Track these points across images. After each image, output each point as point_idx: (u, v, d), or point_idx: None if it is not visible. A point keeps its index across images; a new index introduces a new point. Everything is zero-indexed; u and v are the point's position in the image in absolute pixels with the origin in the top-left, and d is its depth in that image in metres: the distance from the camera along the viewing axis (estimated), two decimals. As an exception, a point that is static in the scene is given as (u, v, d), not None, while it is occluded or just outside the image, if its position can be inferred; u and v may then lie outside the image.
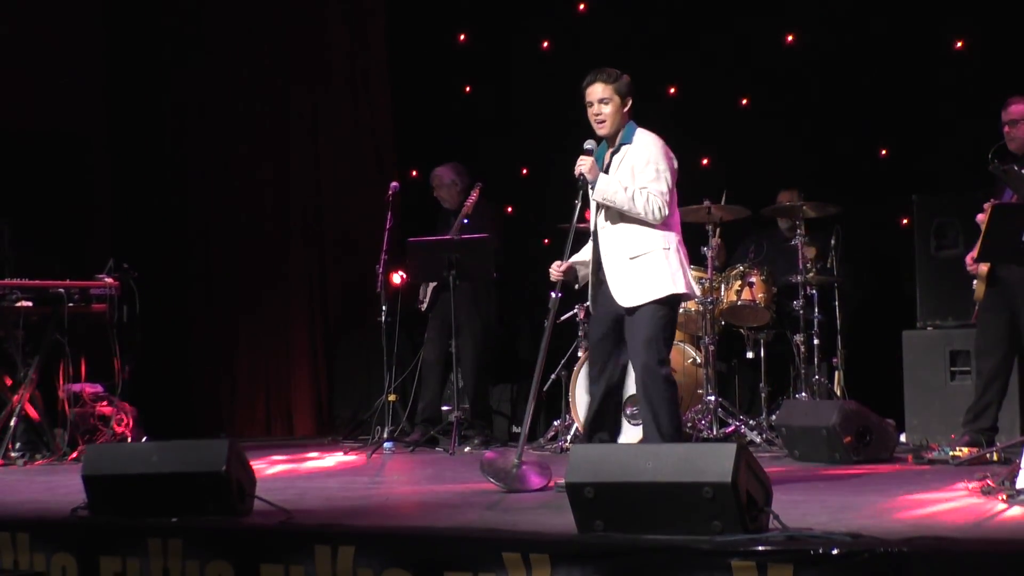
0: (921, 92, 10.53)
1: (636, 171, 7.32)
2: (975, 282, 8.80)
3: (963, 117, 10.09)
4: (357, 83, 13.14)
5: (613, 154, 7.45)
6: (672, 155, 7.43)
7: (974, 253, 8.71)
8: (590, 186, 7.34)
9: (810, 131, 11.12)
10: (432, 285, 10.96)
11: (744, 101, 11.36)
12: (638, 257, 7.33)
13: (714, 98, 11.29)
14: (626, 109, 7.44)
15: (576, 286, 7.77)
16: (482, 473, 7.44)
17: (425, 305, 11.03)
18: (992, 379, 8.77)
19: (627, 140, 7.42)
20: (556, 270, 7.57)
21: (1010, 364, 8.81)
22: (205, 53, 13.48)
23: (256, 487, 6.45)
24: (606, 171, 7.39)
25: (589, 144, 7.44)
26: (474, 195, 10.80)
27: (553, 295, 7.39)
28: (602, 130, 7.44)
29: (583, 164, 7.33)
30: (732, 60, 11.34)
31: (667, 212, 7.28)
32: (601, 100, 7.41)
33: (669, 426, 7.29)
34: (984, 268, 8.65)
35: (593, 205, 7.50)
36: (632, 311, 7.34)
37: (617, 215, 7.37)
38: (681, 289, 7.34)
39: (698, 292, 7.54)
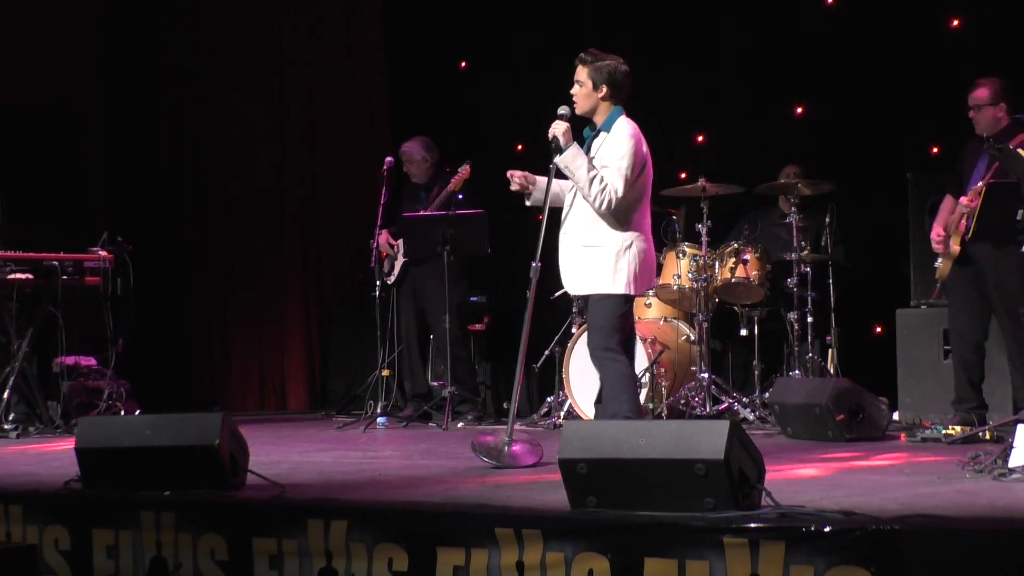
0: (917, 70, 10.51)
1: (602, 162, 7.32)
2: (939, 260, 8.84)
3: (959, 95, 10.07)
4: (354, 57, 13.12)
5: (594, 138, 7.46)
6: (645, 153, 7.41)
7: (939, 230, 8.77)
8: (558, 152, 7.32)
9: (805, 108, 11.11)
10: (402, 260, 10.93)
11: (741, 79, 11.34)
12: (592, 248, 7.39)
13: (710, 75, 11.27)
14: (600, 95, 7.41)
15: (527, 202, 7.76)
16: (474, 452, 7.45)
17: (393, 278, 10.99)
18: (969, 357, 8.82)
19: (606, 128, 7.41)
20: (515, 176, 7.65)
21: (984, 341, 8.86)
22: (201, 26, 13.46)
23: (249, 461, 6.46)
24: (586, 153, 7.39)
25: (563, 109, 7.42)
26: (466, 171, 10.77)
27: (533, 264, 7.35)
28: (576, 109, 7.47)
29: (557, 127, 7.33)
30: (730, 37, 11.31)
31: (608, 211, 7.29)
32: (576, 80, 7.46)
33: (629, 403, 7.40)
34: (956, 247, 8.68)
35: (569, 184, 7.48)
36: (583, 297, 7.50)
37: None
38: (621, 291, 7.37)
39: (639, 290, 7.54)
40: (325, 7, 13.22)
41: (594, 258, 7.37)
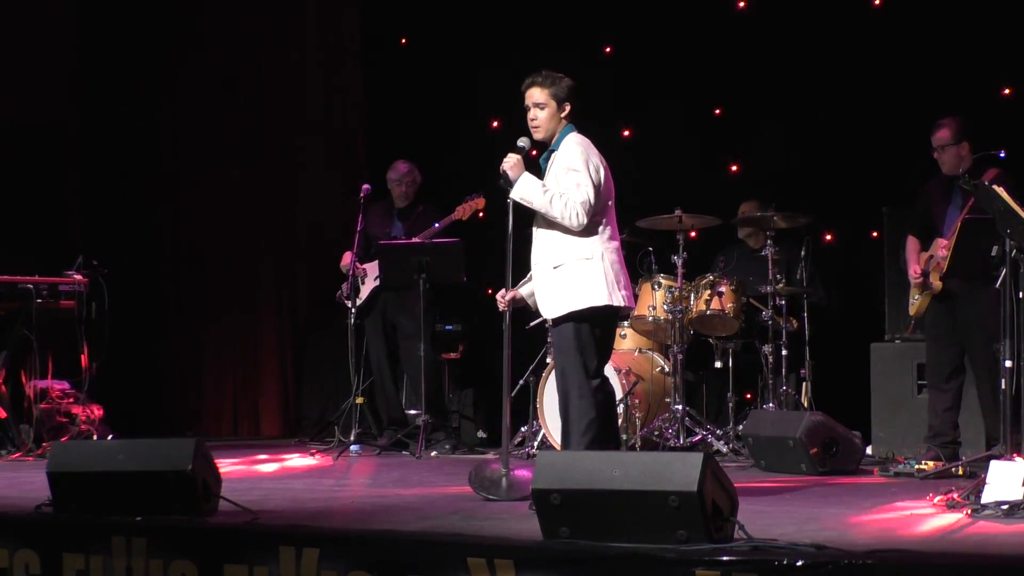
0: (893, 104, 10.55)
1: (559, 178, 7.13)
2: (914, 297, 8.89)
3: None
4: (332, 83, 13.12)
5: (546, 160, 7.30)
6: (600, 161, 7.20)
7: (916, 268, 8.82)
8: (508, 186, 7.16)
9: (781, 141, 11.14)
10: (375, 284, 10.89)
11: (717, 111, 11.35)
12: (560, 267, 7.15)
13: (686, 106, 11.29)
14: (563, 114, 7.24)
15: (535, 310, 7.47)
16: (473, 489, 7.32)
17: (359, 302, 10.91)
18: (946, 392, 8.85)
19: (555, 147, 7.23)
20: (502, 300, 7.38)
21: (961, 377, 8.89)
22: (180, 51, 13.45)
23: (222, 487, 6.44)
24: (541, 178, 7.21)
25: (523, 142, 7.25)
26: (479, 202, 10.73)
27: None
28: (537, 135, 7.26)
29: (507, 161, 7.13)
30: (703, 67, 11.34)
31: (584, 220, 7.04)
32: (536, 104, 7.23)
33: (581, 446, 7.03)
34: (938, 283, 8.72)
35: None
36: (555, 323, 7.22)
37: (544, 221, 7.19)
38: (601, 301, 7.09)
39: (620, 301, 7.16)
40: (304, 34, 13.20)
41: (562, 276, 7.12)
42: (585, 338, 7.11)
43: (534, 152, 7.36)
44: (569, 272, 7.13)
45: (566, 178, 7.10)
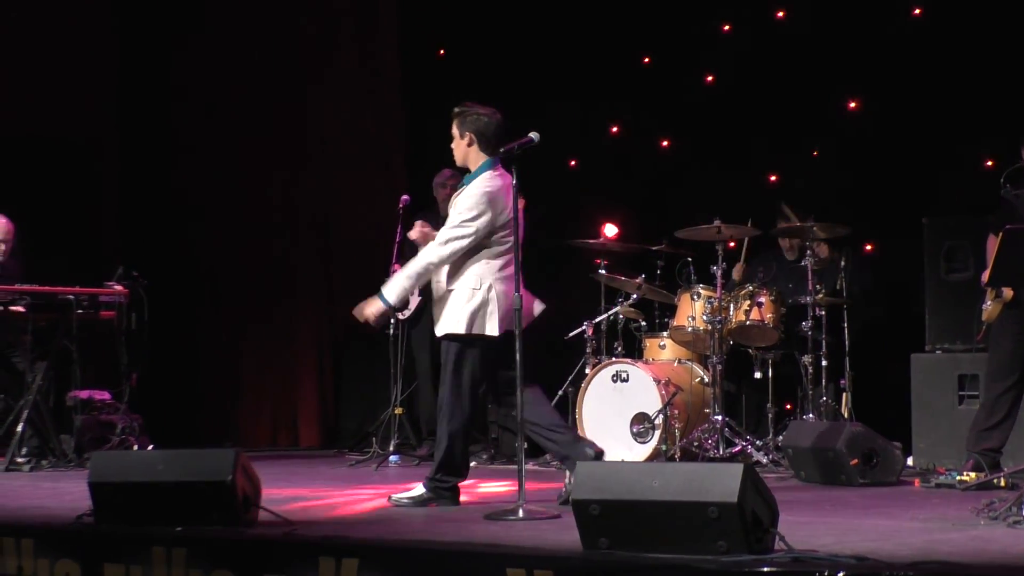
0: (932, 114, 10.52)
1: (451, 214, 7.41)
2: (988, 303, 8.75)
3: (974, 139, 10.08)
4: (369, 90, 13.16)
5: (461, 189, 7.53)
6: (499, 200, 7.35)
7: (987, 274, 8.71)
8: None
9: (821, 152, 11.12)
10: (418, 297, 10.90)
11: (759, 122, 11.34)
12: (451, 290, 7.45)
13: (722, 118, 11.29)
14: (466, 143, 7.50)
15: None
16: None
17: (407, 314, 10.92)
18: (1001, 399, 8.73)
19: (467, 181, 7.47)
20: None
21: (1020, 387, 8.78)
22: (217, 64, 13.51)
23: (261, 497, 6.46)
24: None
25: (534, 134, 7.22)
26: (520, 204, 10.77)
27: (515, 295, 7.29)
28: (457, 162, 7.56)
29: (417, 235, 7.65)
30: (742, 79, 11.33)
31: (446, 256, 7.34)
32: (452, 136, 7.55)
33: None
34: (1009, 292, 8.60)
35: None
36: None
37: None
38: (460, 330, 7.38)
39: (494, 332, 7.39)
40: (343, 46, 13.26)
41: (449, 300, 7.46)
42: (453, 364, 7.46)
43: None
44: (456, 296, 7.43)
45: (454, 217, 7.36)
